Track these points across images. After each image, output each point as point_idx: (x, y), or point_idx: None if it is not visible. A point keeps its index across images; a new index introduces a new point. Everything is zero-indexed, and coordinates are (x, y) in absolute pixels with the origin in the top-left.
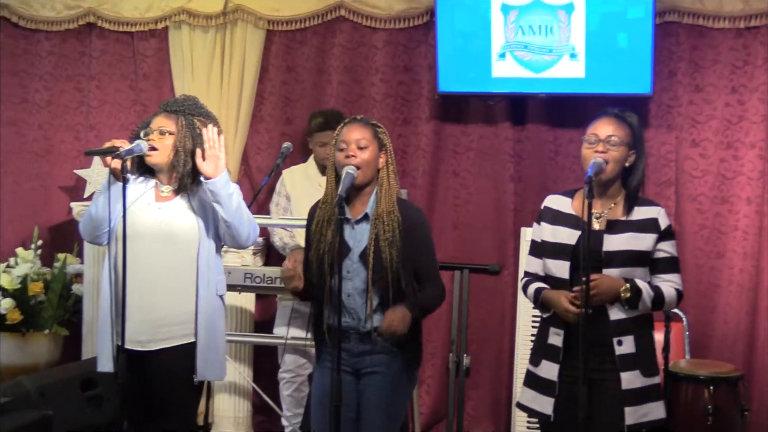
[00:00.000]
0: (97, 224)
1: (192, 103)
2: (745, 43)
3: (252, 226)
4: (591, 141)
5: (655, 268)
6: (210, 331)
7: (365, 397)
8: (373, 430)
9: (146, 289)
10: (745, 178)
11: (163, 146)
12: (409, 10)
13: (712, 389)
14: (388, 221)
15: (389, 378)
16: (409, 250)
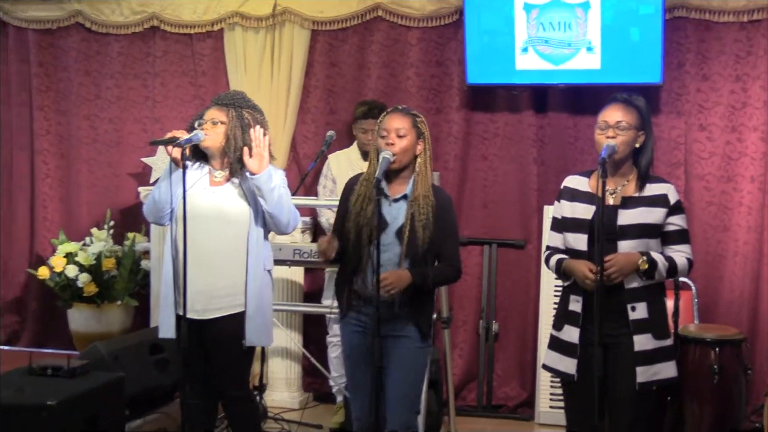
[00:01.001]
0: (159, 206)
1: (241, 97)
2: (748, 36)
3: (292, 215)
4: (602, 127)
5: (667, 240)
6: (258, 301)
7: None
8: (399, 387)
9: (202, 265)
10: (748, 159)
11: (215, 134)
12: (440, 10)
13: (718, 350)
14: (424, 204)
15: (409, 341)
16: (438, 232)
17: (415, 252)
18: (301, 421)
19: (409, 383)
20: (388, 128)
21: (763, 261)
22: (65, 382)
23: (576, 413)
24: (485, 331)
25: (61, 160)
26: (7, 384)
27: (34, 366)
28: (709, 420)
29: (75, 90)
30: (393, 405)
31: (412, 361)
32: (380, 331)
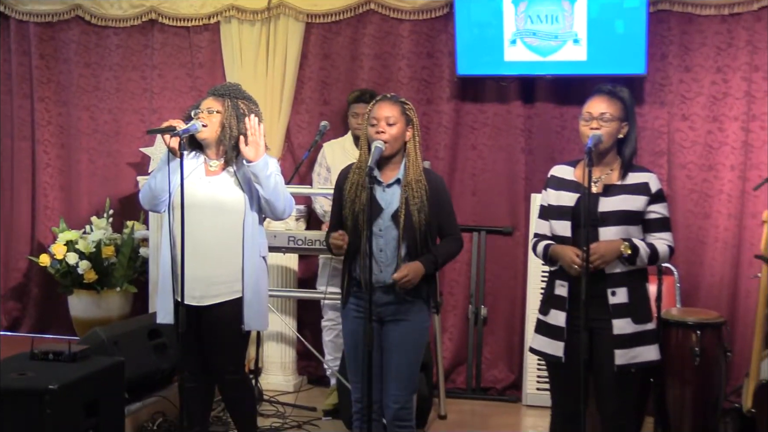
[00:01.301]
0: (156, 194)
1: (236, 88)
2: (728, 28)
3: (287, 201)
4: (586, 118)
5: (649, 228)
6: (254, 287)
7: (389, 342)
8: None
9: (199, 252)
10: (729, 148)
11: (211, 123)
12: (431, 4)
13: (699, 333)
14: (417, 188)
15: (411, 324)
16: (433, 211)
17: (411, 234)
18: (295, 403)
19: (407, 364)
20: (377, 116)
21: (742, 247)
22: (66, 366)
23: (562, 395)
24: (474, 316)
25: (61, 150)
26: (10, 368)
27: (35, 351)
28: (691, 401)
29: (75, 81)
30: (393, 385)
31: (410, 343)
32: (381, 315)
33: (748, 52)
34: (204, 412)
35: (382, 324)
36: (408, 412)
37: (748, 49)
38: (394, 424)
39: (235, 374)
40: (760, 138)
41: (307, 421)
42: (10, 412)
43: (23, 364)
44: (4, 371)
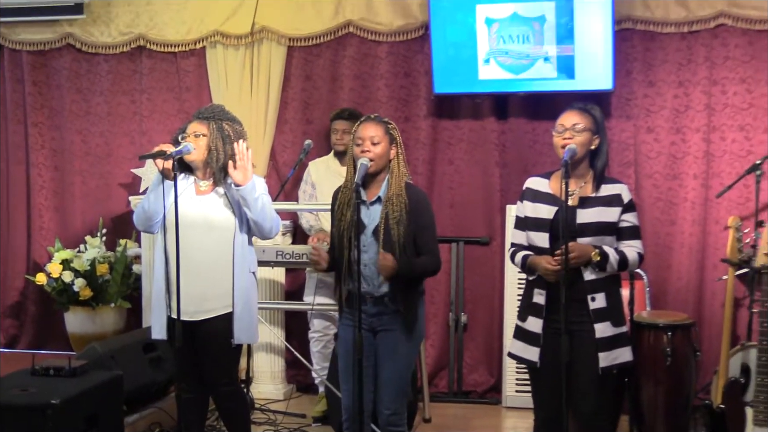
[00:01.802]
0: (149, 216)
1: (220, 110)
2: (688, 45)
3: (274, 221)
4: (559, 130)
5: (620, 236)
6: (244, 302)
7: (380, 350)
8: (388, 377)
9: (191, 270)
10: (691, 158)
11: (198, 146)
12: (407, 26)
13: (670, 335)
14: (397, 203)
15: (399, 335)
16: (414, 227)
17: (391, 248)
18: (286, 411)
19: (398, 372)
20: (362, 136)
21: (706, 251)
22: (67, 381)
23: (543, 397)
24: (455, 323)
25: (55, 172)
26: (12, 384)
27: (37, 367)
28: (664, 399)
29: (67, 107)
30: (386, 391)
31: (400, 352)
32: (372, 325)
33: (707, 67)
34: (200, 422)
35: (375, 334)
36: (399, 417)
37: (706, 64)
38: (386, 429)
39: (229, 385)
40: (720, 148)
41: (297, 428)
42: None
43: (25, 380)
44: (7, 387)
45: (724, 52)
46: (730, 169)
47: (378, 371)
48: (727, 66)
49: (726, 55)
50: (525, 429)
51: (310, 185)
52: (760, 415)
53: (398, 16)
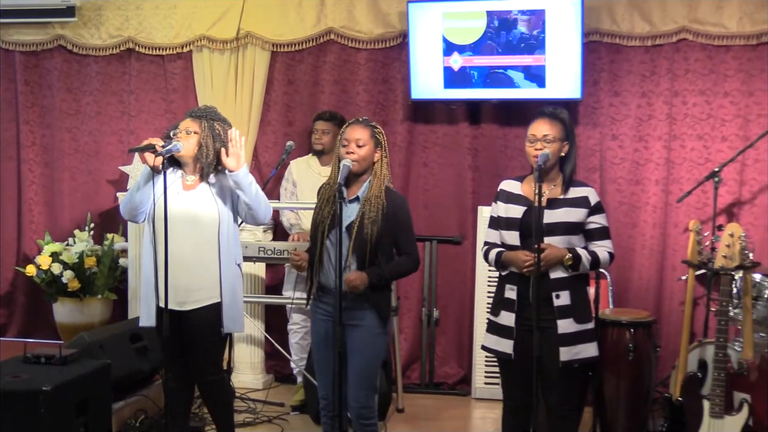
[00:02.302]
0: (135, 206)
1: (212, 111)
2: (651, 58)
3: (267, 206)
4: (531, 140)
5: (590, 237)
6: (231, 293)
7: (350, 345)
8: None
9: (179, 262)
10: (653, 164)
11: (188, 143)
12: (386, 34)
13: (632, 331)
14: (374, 203)
15: (367, 329)
16: (391, 228)
17: (362, 246)
18: (265, 400)
19: (368, 366)
20: (348, 138)
21: (666, 253)
22: (58, 369)
23: (512, 389)
24: (427, 318)
25: (45, 168)
26: (5, 371)
27: (28, 355)
28: (626, 392)
29: (58, 106)
30: (353, 385)
31: (370, 346)
32: (342, 319)
33: (669, 78)
34: (186, 410)
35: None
36: (369, 410)
37: (668, 76)
38: (358, 422)
39: (214, 375)
40: (680, 155)
41: (276, 416)
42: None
43: (17, 367)
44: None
45: (684, 65)
46: (689, 176)
47: (348, 365)
48: (687, 78)
49: (686, 68)
50: (493, 419)
51: (291, 183)
52: (716, 407)
53: (378, 25)
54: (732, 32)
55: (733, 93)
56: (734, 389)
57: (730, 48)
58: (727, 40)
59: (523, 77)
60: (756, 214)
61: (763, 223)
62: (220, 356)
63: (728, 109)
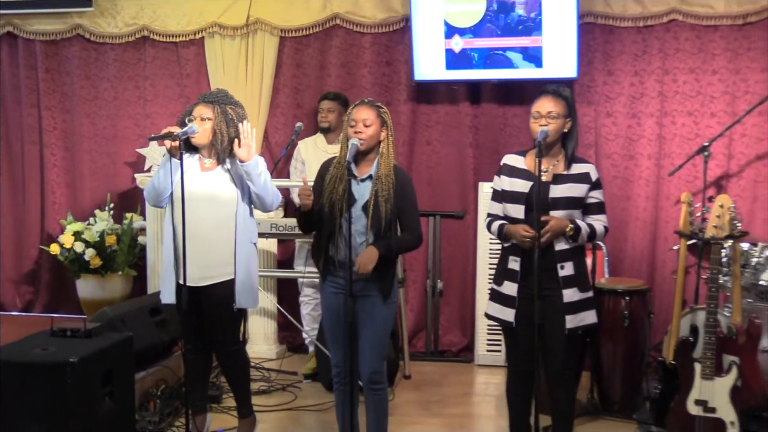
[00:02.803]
0: (159, 192)
1: (224, 94)
2: (643, 38)
3: (275, 195)
4: (535, 117)
5: (588, 210)
6: (245, 270)
7: (360, 315)
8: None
9: (198, 240)
10: (645, 140)
11: (203, 129)
12: (389, 18)
13: (628, 299)
14: (386, 182)
15: (377, 299)
16: (398, 206)
17: (378, 223)
18: (279, 369)
19: (378, 335)
20: (356, 118)
21: (658, 224)
22: (83, 342)
23: (516, 355)
24: (431, 289)
25: (66, 152)
26: (34, 344)
27: (55, 329)
28: (622, 356)
29: (77, 92)
30: (365, 354)
31: (379, 316)
32: (353, 290)
33: (660, 58)
34: (204, 380)
35: (355, 299)
36: (380, 375)
37: (659, 55)
38: (369, 387)
39: (231, 345)
40: (671, 131)
41: (290, 384)
42: (36, 383)
43: (45, 341)
44: (29, 347)
45: (675, 45)
46: (680, 150)
47: (358, 334)
48: (677, 57)
49: (677, 48)
50: (495, 384)
51: (300, 162)
52: (707, 369)
53: (381, 10)
54: (719, 13)
55: (720, 71)
56: (724, 352)
57: (717, 28)
58: (715, 21)
59: (521, 58)
60: (743, 186)
61: (750, 194)
62: (237, 329)
63: (716, 87)
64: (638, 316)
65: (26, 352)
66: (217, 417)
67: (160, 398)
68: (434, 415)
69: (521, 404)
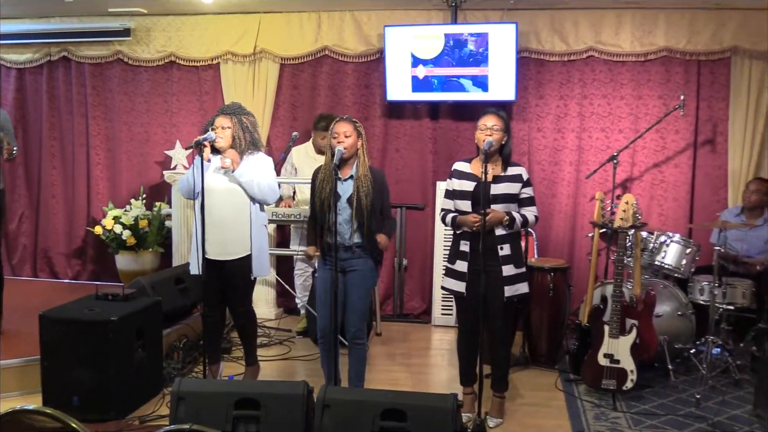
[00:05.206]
0: (191, 188)
1: (238, 106)
2: (567, 69)
3: (270, 195)
4: (482, 128)
5: (522, 204)
6: (258, 247)
7: (348, 285)
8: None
9: (219, 224)
10: (568, 150)
11: (225, 136)
12: (368, 50)
13: (552, 275)
14: (365, 180)
15: (363, 273)
16: (376, 197)
17: (360, 212)
18: (277, 327)
19: (359, 300)
20: (338, 131)
21: (577, 217)
22: (121, 304)
23: (464, 318)
24: (398, 265)
25: (108, 153)
26: (82, 306)
27: (99, 294)
28: (547, 320)
29: (117, 105)
30: (352, 315)
31: (362, 285)
32: (343, 267)
33: (580, 86)
34: (219, 337)
35: (344, 273)
36: (362, 332)
37: (580, 84)
38: (352, 342)
39: (245, 307)
40: (588, 144)
41: (285, 339)
42: (84, 337)
43: (91, 303)
44: (78, 308)
45: (592, 76)
46: (595, 159)
47: (346, 300)
48: (594, 85)
49: (593, 78)
50: (448, 340)
51: (291, 165)
52: (613, 330)
53: (361, 44)
54: (626, 51)
55: (627, 97)
56: (626, 317)
57: (625, 63)
58: (623, 57)
59: (471, 84)
60: (643, 187)
61: (648, 194)
62: (250, 294)
63: (623, 109)
64: (561, 288)
65: (76, 312)
66: (228, 365)
67: (182, 350)
68: (400, 364)
69: (468, 356)
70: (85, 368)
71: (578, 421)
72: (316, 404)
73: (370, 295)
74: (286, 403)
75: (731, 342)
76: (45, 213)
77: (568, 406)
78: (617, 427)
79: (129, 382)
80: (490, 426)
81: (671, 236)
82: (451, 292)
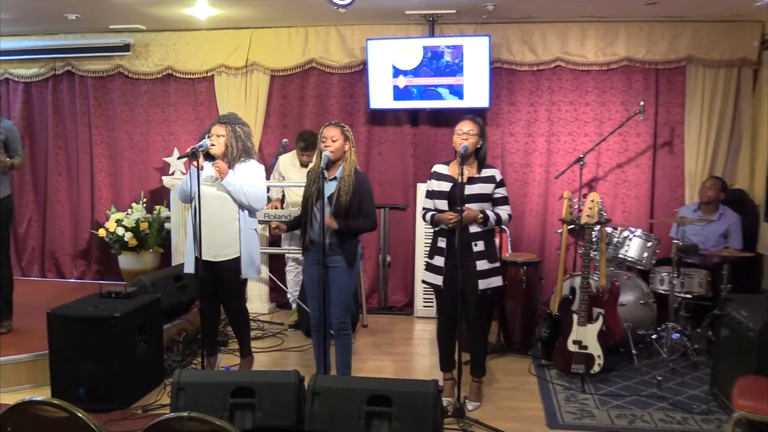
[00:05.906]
0: (187, 193)
1: (234, 116)
2: (536, 78)
3: (257, 202)
4: (458, 133)
5: (496, 203)
6: (248, 250)
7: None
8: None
9: (213, 226)
10: (538, 153)
11: (219, 144)
12: (352, 62)
13: (525, 268)
14: (347, 181)
15: (342, 269)
16: (358, 197)
17: (338, 210)
18: (270, 321)
19: (343, 295)
20: (326, 136)
21: (547, 214)
22: (124, 301)
23: (443, 309)
24: (383, 261)
25: (110, 160)
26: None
27: (103, 291)
28: (521, 310)
29: (118, 115)
30: (334, 308)
31: (344, 281)
32: (324, 262)
33: (549, 93)
34: (215, 330)
35: (327, 269)
36: (346, 324)
37: (548, 91)
38: (338, 333)
39: (237, 305)
40: (557, 147)
41: (278, 332)
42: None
43: (95, 301)
44: (83, 305)
45: (559, 84)
46: (563, 160)
47: (329, 294)
48: (561, 93)
49: (561, 86)
50: (429, 330)
51: (278, 172)
52: (582, 318)
53: (346, 56)
54: (591, 61)
55: (591, 103)
56: (593, 306)
57: (589, 72)
58: (588, 67)
59: (448, 92)
60: (607, 187)
61: (612, 192)
62: (242, 292)
63: (589, 114)
64: (533, 280)
65: (82, 309)
66: (225, 357)
67: (182, 343)
68: (385, 353)
69: (448, 345)
70: (91, 362)
71: (550, 403)
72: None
73: (351, 288)
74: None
75: (689, 328)
76: (52, 217)
77: (541, 389)
78: (586, 408)
79: (132, 374)
80: (468, 409)
81: (633, 231)
82: (430, 286)
